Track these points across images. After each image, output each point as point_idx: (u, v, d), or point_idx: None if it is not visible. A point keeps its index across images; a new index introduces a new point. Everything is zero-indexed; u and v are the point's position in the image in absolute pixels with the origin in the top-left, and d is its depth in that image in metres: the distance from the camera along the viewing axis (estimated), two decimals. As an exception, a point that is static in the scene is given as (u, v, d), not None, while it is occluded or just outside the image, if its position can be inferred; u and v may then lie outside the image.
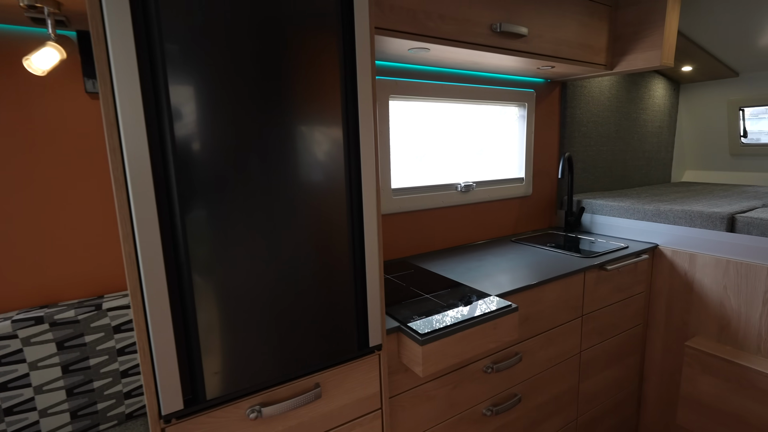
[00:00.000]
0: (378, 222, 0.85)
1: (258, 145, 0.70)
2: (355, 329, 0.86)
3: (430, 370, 0.89)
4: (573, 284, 1.33)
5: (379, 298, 0.87)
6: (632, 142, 2.24)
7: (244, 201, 0.70)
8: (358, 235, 0.84)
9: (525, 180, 1.82)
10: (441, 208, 1.58)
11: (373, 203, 0.83)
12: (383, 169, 1.40)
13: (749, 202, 1.64)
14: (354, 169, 0.82)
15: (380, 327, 0.89)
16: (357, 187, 0.82)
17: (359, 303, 0.86)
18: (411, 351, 0.91)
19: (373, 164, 0.83)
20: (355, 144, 0.81)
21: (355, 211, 0.82)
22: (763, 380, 1.28)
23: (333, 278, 0.81)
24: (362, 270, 0.85)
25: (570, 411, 1.44)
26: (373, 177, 0.83)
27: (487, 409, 1.17)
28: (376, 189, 0.84)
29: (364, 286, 0.86)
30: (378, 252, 0.86)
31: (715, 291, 1.44)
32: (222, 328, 0.71)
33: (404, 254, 1.52)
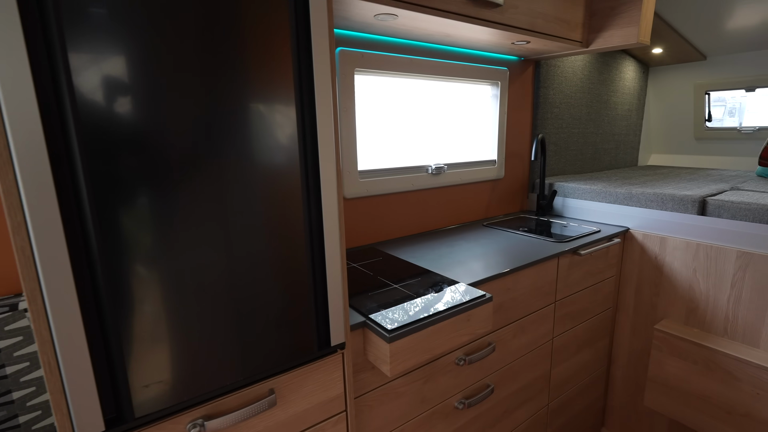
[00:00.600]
0: (339, 207, 0.75)
1: (191, 118, 0.58)
2: (314, 327, 0.76)
3: (398, 369, 0.81)
4: (546, 270, 1.28)
5: (341, 291, 0.78)
6: (603, 125, 2.22)
7: (180, 182, 0.58)
8: (317, 222, 0.73)
9: (497, 162, 1.76)
10: (411, 192, 1.50)
11: (333, 186, 0.73)
12: (348, 150, 1.29)
13: (717, 185, 1.65)
14: (311, 149, 0.71)
15: (343, 324, 0.80)
16: (314, 168, 0.71)
17: (319, 298, 0.76)
18: (378, 348, 0.83)
19: (332, 143, 0.72)
20: (311, 121, 0.70)
21: (313, 195, 0.72)
22: (729, 362, 1.29)
23: (288, 271, 0.71)
24: (322, 261, 0.75)
25: (542, 398, 1.42)
26: (332, 157, 0.72)
27: (460, 402, 1.11)
28: (336, 171, 0.73)
29: (324, 279, 0.76)
30: (340, 240, 0.76)
31: (685, 274, 1.43)
32: (153, 332, 0.60)
33: (372, 240, 1.43)
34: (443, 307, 0.89)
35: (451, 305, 0.90)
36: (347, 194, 1.31)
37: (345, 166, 1.29)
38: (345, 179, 1.30)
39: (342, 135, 1.27)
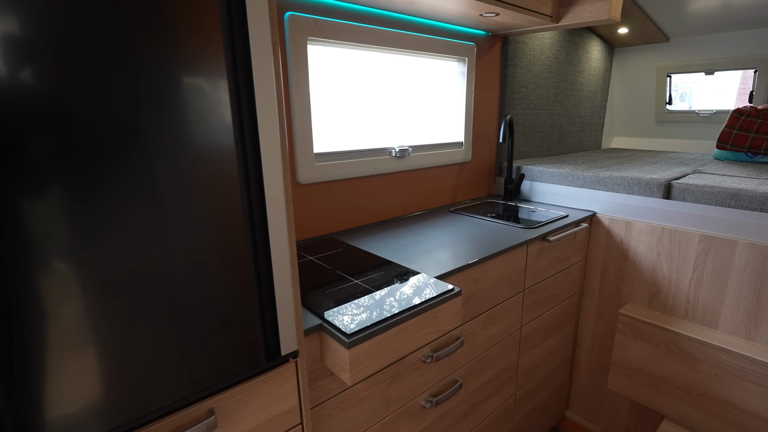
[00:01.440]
0: (287, 195, 0.63)
1: (103, 90, 0.44)
2: (260, 336, 0.65)
3: (359, 376, 0.73)
4: (516, 258, 1.23)
5: (292, 292, 0.67)
6: (569, 107, 2.19)
7: (91, 166, 0.45)
8: (259, 213, 0.62)
9: (464, 145, 1.68)
10: (373, 176, 1.39)
11: (278, 171, 0.61)
12: (302, 130, 1.16)
13: (679, 168, 1.65)
14: (249, 129, 0.58)
15: (295, 329, 0.69)
16: (254, 151, 0.59)
17: (265, 302, 0.65)
18: (336, 354, 0.74)
19: (275, 122, 0.60)
20: (248, 96, 0.57)
21: (253, 182, 0.60)
22: (690, 344, 1.30)
23: (226, 272, 0.59)
24: (267, 258, 0.64)
25: (510, 387, 1.39)
26: (276, 137, 0.60)
27: (427, 401, 1.05)
28: (281, 153, 0.61)
29: (270, 280, 0.65)
30: (288, 233, 0.65)
31: (649, 258, 1.43)
32: (56, 353, 0.47)
33: (331, 230, 1.32)
34: (408, 305, 0.81)
35: (417, 302, 0.82)
36: (302, 179, 1.19)
37: (299, 149, 1.17)
38: (299, 163, 1.18)
39: (294, 113, 1.14)
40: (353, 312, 0.78)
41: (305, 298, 0.85)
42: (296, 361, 0.72)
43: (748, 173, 1.54)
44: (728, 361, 1.23)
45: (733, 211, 1.25)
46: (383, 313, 0.78)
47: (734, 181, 1.38)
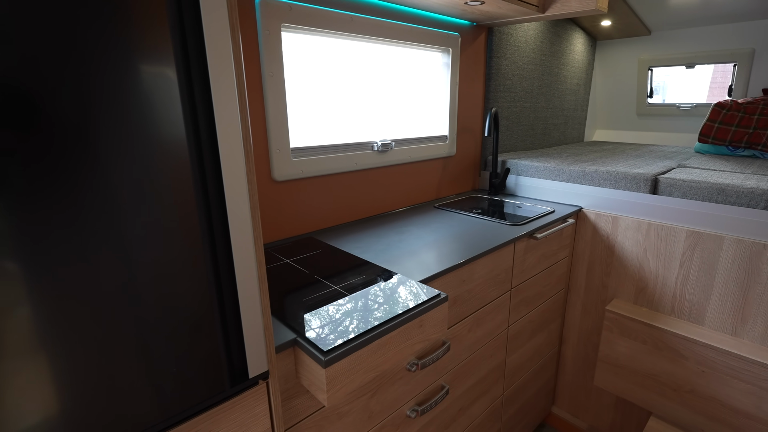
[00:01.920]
0: (251, 195, 0.56)
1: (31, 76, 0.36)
2: (223, 359, 0.58)
3: (337, 396, 0.66)
4: (503, 257, 1.18)
5: (260, 307, 0.60)
6: (553, 99, 2.16)
7: (20, 162, 0.37)
8: (219, 219, 0.54)
9: (449, 138, 1.62)
10: (354, 172, 1.32)
11: (240, 170, 0.53)
12: (277, 124, 1.08)
13: (663, 162, 1.64)
14: (205, 123, 0.50)
15: (265, 348, 0.62)
16: (211, 149, 0.51)
17: (229, 319, 0.58)
18: (312, 373, 0.67)
19: (235, 114, 0.52)
20: (203, 87, 0.49)
21: (211, 183, 0.52)
22: (677, 341, 1.29)
23: (180, 286, 0.52)
24: (229, 268, 0.56)
25: (497, 388, 1.35)
26: (237, 132, 0.52)
27: (412, 410, 1.00)
28: (244, 150, 0.53)
29: (234, 293, 0.57)
30: (255, 241, 0.57)
31: (636, 254, 1.41)
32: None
33: (310, 229, 1.24)
34: (392, 314, 0.74)
35: (401, 310, 0.76)
36: (278, 176, 1.11)
37: (274, 144, 1.08)
38: (274, 159, 1.09)
39: (269, 106, 1.06)
40: (331, 324, 0.71)
41: (278, 308, 0.78)
42: (267, 382, 0.65)
43: (732, 167, 1.53)
44: (715, 358, 1.22)
45: (720, 206, 1.23)
46: (364, 323, 0.71)
47: (720, 175, 1.37)
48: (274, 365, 0.65)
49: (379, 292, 0.83)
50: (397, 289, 0.84)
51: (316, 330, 0.70)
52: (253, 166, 0.54)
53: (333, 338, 0.67)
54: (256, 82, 1.04)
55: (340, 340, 0.67)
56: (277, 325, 0.73)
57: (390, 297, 0.81)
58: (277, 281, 0.89)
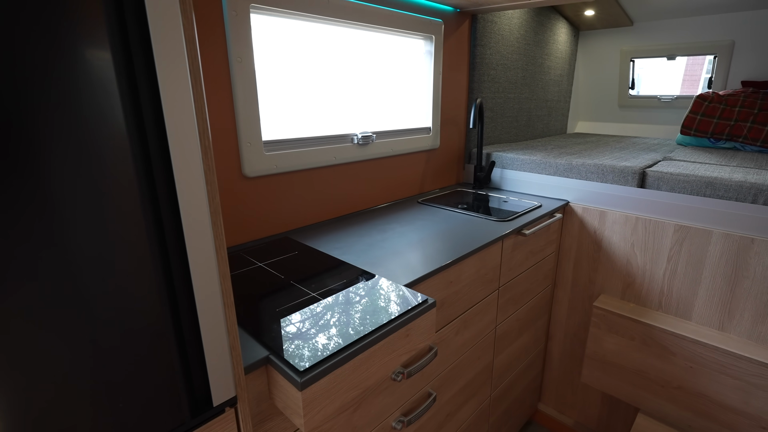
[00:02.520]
0: (210, 198, 0.47)
1: None
2: (182, 388, 0.50)
3: (316, 420, 0.59)
4: (491, 255, 1.13)
5: (224, 326, 0.52)
6: (537, 90, 2.12)
7: None
8: (172, 225, 0.45)
9: (432, 130, 1.55)
10: (333, 166, 1.24)
11: (198, 168, 0.45)
12: (247, 114, 0.99)
13: (649, 155, 1.61)
14: (151, 116, 0.41)
15: (231, 372, 0.54)
16: (160, 144, 0.43)
17: (188, 341, 0.50)
18: (287, 395, 0.59)
19: (190, 105, 0.43)
20: (147, 73, 0.40)
21: (161, 185, 0.44)
22: (665, 337, 1.27)
23: (129, 306, 0.43)
24: (186, 282, 0.48)
25: (485, 390, 1.31)
26: (192, 126, 0.44)
27: (398, 421, 0.93)
28: (201, 145, 0.45)
29: (193, 313, 0.49)
30: (215, 247, 0.49)
31: (623, 249, 1.38)
32: None
33: (286, 228, 1.16)
34: (376, 324, 0.67)
35: (386, 320, 0.69)
36: (249, 172, 1.02)
37: (244, 137, 0.99)
38: (245, 153, 1.00)
39: (237, 95, 0.96)
40: (308, 337, 0.64)
41: (249, 321, 0.70)
42: (236, 407, 0.57)
43: (717, 160, 1.52)
44: (704, 354, 1.20)
45: (708, 200, 1.20)
46: (345, 336, 0.64)
47: (707, 168, 1.35)
48: (243, 389, 0.57)
49: (362, 299, 0.76)
50: (380, 294, 0.77)
51: (290, 346, 0.62)
52: (212, 165, 0.46)
53: (310, 355, 0.60)
54: (222, 69, 0.94)
55: (318, 357, 0.59)
56: (247, 341, 0.65)
57: (373, 304, 0.74)
58: (248, 289, 0.81)
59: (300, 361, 0.58)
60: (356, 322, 0.68)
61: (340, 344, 0.62)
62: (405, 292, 0.79)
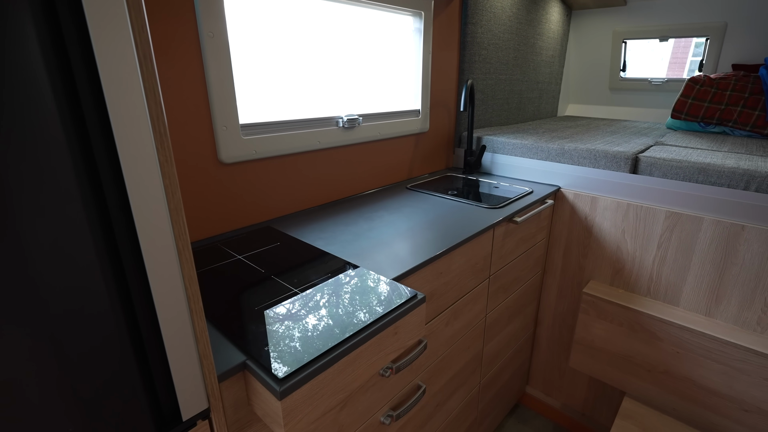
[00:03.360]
0: (168, 194, 0.42)
1: None
2: (143, 403, 0.45)
3: (297, 429, 0.55)
4: (481, 244, 1.09)
5: (191, 334, 0.47)
6: (528, 72, 2.06)
7: None
8: (124, 226, 0.39)
9: (422, 113, 1.49)
10: (317, 151, 1.17)
11: (151, 158, 0.39)
12: (222, 95, 0.91)
13: (640, 140, 1.59)
14: (88, 92, 0.35)
15: (203, 382, 0.50)
16: (101, 122, 0.36)
17: (150, 353, 0.44)
18: (266, 403, 0.55)
19: (137, 85, 0.37)
20: (81, 43, 0.34)
21: (106, 178, 0.38)
22: (653, 323, 1.26)
23: (79, 319, 0.38)
24: (144, 291, 0.42)
25: (474, 378, 1.29)
26: (141, 109, 0.37)
27: (386, 416, 0.91)
28: (153, 130, 0.39)
29: (154, 322, 0.44)
30: (178, 249, 0.43)
31: (614, 235, 1.36)
32: None
33: (267, 217, 1.10)
34: (362, 323, 0.63)
35: (373, 318, 0.65)
36: (225, 158, 0.95)
37: (219, 119, 0.92)
38: (220, 137, 0.93)
39: (210, 73, 0.88)
40: (289, 339, 0.60)
41: (224, 321, 0.65)
42: (210, 418, 0.53)
43: (708, 145, 1.50)
44: (690, 340, 1.21)
45: (700, 186, 1.18)
46: (329, 337, 0.60)
47: (699, 154, 1.33)
48: (217, 398, 0.52)
49: (347, 295, 0.71)
50: (368, 290, 0.73)
51: (270, 349, 0.58)
52: (170, 156, 0.40)
53: (291, 360, 0.55)
54: (191, 45, 0.86)
55: (299, 362, 0.55)
56: (222, 345, 0.60)
57: (360, 301, 0.70)
58: (225, 284, 0.75)
59: (280, 368, 0.54)
60: (342, 321, 0.64)
61: (324, 347, 0.58)
62: (393, 286, 0.74)
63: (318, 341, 0.59)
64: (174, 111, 0.86)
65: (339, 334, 0.61)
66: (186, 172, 0.91)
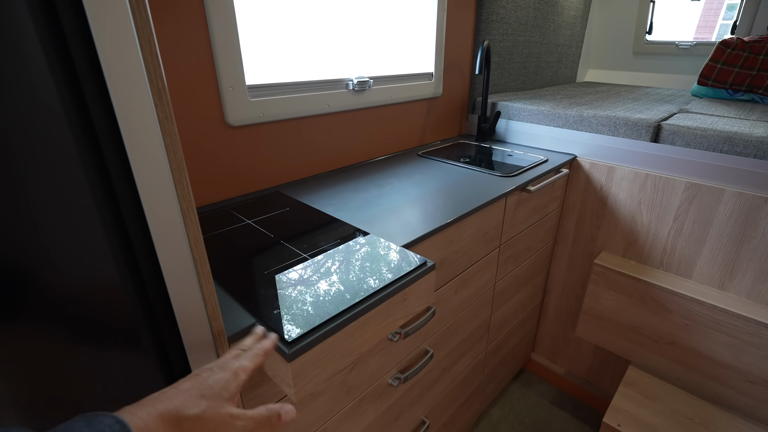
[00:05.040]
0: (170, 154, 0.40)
1: None
2: (152, 363, 0.46)
3: (306, 389, 0.56)
4: (493, 213, 1.07)
5: (200, 295, 0.47)
6: (548, 33, 1.95)
7: None
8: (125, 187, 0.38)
9: (435, 76, 1.43)
10: (327, 115, 1.14)
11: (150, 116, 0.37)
12: (227, 54, 0.88)
13: (663, 107, 1.52)
14: (80, 45, 0.33)
15: (212, 343, 0.50)
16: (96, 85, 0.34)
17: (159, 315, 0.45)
18: (275, 365, 0.56)
19: (131, 35, 0.34)
20: None
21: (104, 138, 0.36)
22: (663, 295, 1.25)
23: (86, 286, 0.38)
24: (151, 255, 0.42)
25: (481, 344, 1.31)
26: (136, 61, 0.35)
27: (394, 378, 0.93)
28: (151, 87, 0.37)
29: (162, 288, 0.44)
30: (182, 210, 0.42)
31: (629, 206, 1.33)
32: None
33: (277, 182, 1.09)
34: (371, 289, 0.63)
35: (382, 284, 0.64)
36: (232, 120, 0.93)
37: (225, 80, 0.89)
38: (226, 99, 0.91)
39: (214, 32, 0.85)
40: (298, 303, 0.60)
41: (234, 284, 0.65)
42: (222, 376, 0.54)
43: (735, 113, 1.43)
44: (701, 312, 1.20)
45: (724, 156, 1.13)
46: (338, 302, 0.60)
47: (726, 122, 1.26)
48: (228, 358, 0.53)
49: (357, 261, 0.71)
50: (376, 256, 0.73)
51: (279, 312, 0.58)
52: (170, 112, 0.38)
53: (300, 323, 0.56)
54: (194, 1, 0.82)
55: (308, 326, 0.55)
56: (232, 307, 0.60)
57: (369, 267, 0.69)
58: (235, 248, 0.75)
59: (289, 330, 0.54)
60: (351, 287, 0.64)
61: (334, 311, 0.58)
62: (403, 253, 0.74)
63: (327, 306, 0.59)
64: (178, 71, 0.83)
65: (348, 300, 0.61)
66: (194, 136, 0.89)
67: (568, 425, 1.58)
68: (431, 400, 1.15)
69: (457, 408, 1.33)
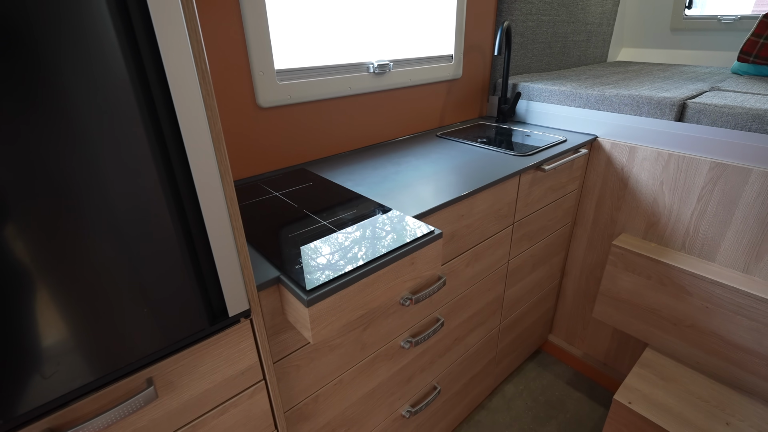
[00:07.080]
0: (211, 123, 0.48)
1: None
2: (198, 299, 0.55)
3: (322, 334, 0.64)
4: (506, 190, 1.11)
5: (234, 245, 0.55)
6: (576, 12, 1.91)
7: None
8: (176, 149, 0.47)
9: (455, 58, 1.46)
10: (348, 97, 1.21)
11: (195, 93, 0.45)
12: (258, 41, 0.96)
13: (695, 85, 1.47)
14: (144, 39, 0.41)
15: (244, 287, 0.59)
16: (156, 68, 0.43)
17: (202, 259, 0.54)
18: (296, 311, 0.65)
19: (181, 25, 0.42)
20: None
21: (161, 109, 0.45)
22: (684, 277, 1.25)
23: (143, 228, 0.47)
24: (195, 206, 0.51)
25: (494, 319, 1.36)
26: (185, 47, 0.43)
27: (406, 341, 1.00)
28: (197, 69, 0.45)
29: (203, 233, 0.53)
30: (220, 172, 0.51)
31: (651, 187, 1.32)
32: None
33: (302, 160, 1.17)
34: (381, 251, 0.70)
35: (391, 248, 0.71)
36: (263, 102, 1.02)
37: (256, 65, 0.97)
38: (258, 82, 0.99)
39: (247, 21, 0.93)
40: (317, 261, 0.68)
41: (263, 244, 0.74)
42: (251, 319, 0.63)
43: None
44: (722, 295, 1.19)
45: (752, 135, 1.11)
46: (351, 261, 0.67)
47: (758, 100, 1.23)
48: (256, 303, 0.62)
49: (370, 228, 0.78)
50: (389, 224, 0.79)
51: (300, 268, 0.66)
52: (211, 89, 0.46)
53: (317, 276, 0.64)
54: None
55: (324, 278, 0.63)
56: (261, 263, 0.69)
57: (381, 233, 0.76)
58: (264, 216, 0.84)
59: (308, 282, 0.62)
60: (363, 249, 0.71)
61: (347, 267, 0.66)
62: (413, 223, 0.80)
63: (341, 264, 0.67)
64: (216, 57, 0.92)
65: (360, 259, 0.68)
66: (229, 116, 0.98)
67: (583, 405, 1.60)
68: (443, 367, 1.22)
69: (470, 379, 1.40)
